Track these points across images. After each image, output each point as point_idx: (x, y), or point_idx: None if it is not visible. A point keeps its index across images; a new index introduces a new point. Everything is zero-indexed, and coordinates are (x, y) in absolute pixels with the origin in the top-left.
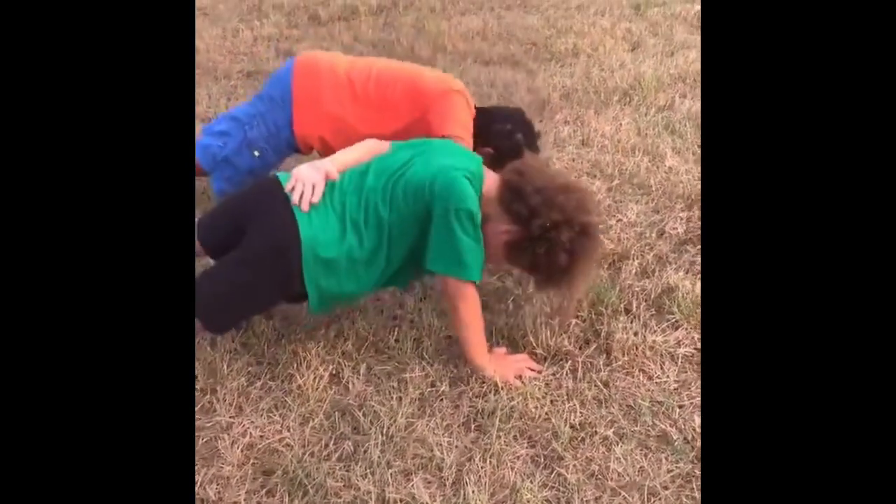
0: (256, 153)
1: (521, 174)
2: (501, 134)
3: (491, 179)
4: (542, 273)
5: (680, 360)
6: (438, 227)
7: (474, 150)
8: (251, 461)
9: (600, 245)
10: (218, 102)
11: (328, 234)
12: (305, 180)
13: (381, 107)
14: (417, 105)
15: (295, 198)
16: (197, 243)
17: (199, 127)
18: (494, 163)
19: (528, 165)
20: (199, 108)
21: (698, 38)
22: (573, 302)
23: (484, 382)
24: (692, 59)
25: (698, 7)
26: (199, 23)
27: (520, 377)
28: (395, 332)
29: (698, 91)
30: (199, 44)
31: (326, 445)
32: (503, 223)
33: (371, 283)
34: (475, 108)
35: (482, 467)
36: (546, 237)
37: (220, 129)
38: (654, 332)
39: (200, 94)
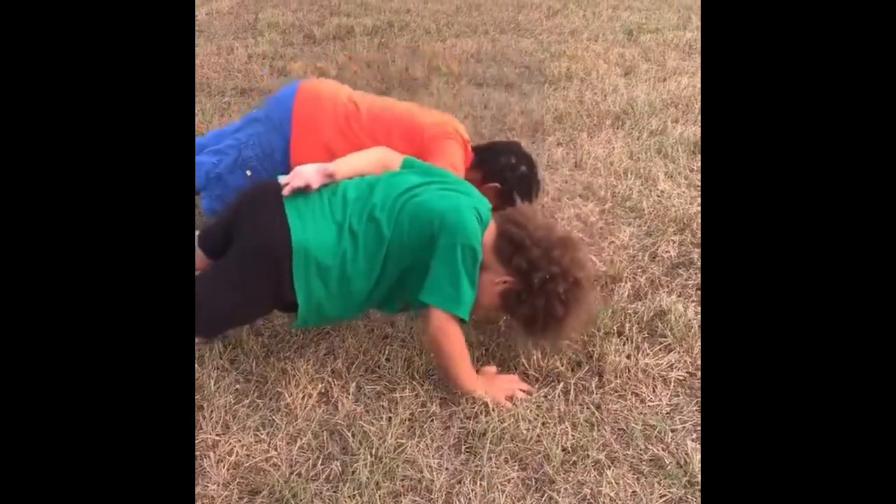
0: (249, 173)
1: (520, 226)
2: (507, 167)
3: (490, 227)
4: (538, 323)
5: (672, 384)
6: (442, 260)
7: (480, 186)
8: (237, 480)
9: (591, 298)
10: (211, 118)
11: (322, 240)
12: (304, 176)
13: (376, 143)
14: (413, 145)
15: (287, 189)
16: (200, 253)
17: None
18: (501, 197)
19: (524, 216)
20: None
21: (690, 64)
22: (562, 343)
23: (475, 403)
24: (684, 84)
25: (689, 34)
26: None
27: (511, 398)
28: (386, 351)
29: (690, 116)
30: None
31: (314, 465)
32: (500, 274)
33: (359, 301)
34: (473, 148)
35: (472, 490)
36: (544, 290)
37: (216, 147)
38: (647, 354)
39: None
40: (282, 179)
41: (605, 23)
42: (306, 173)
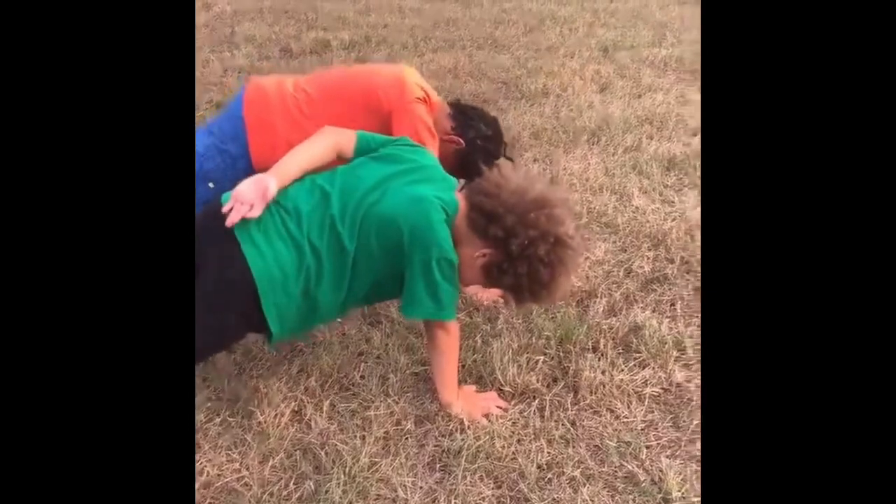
0: (211, 185)
1: (490, 195)
2: (479, 137)
3: (461, 202)
4: (525, 290)
5: (647, 400)
6: (419, 279)
7: (447, 134)
8: (208, 500)
9: (578, 251)
10: None
11: (283, 264)
12: (244, 200)
13: (337, 122)
14: (375, 113)
15: (229, 221)
16: None
17: None
18: (457, 156)
19: (494, 184)
20: None
21: (665, 80)
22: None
23: (450, 420)
24: (659, 101)
25: (665, 51)
26: None
27: (486, 415)
28: (361, 369)
29: (665, 133)
30: None
31: (286, 485)
32: (478, 247)
33: (333, 311)
34: (451, 103)
35: None
36: (525, 255)
37: None
38: (622, 370)
39: None
40: (224, 207)
41: (581, 39)
42: (247, 197)
